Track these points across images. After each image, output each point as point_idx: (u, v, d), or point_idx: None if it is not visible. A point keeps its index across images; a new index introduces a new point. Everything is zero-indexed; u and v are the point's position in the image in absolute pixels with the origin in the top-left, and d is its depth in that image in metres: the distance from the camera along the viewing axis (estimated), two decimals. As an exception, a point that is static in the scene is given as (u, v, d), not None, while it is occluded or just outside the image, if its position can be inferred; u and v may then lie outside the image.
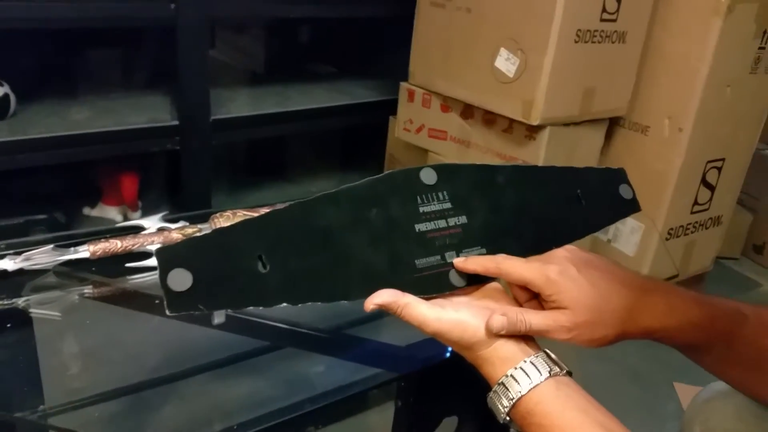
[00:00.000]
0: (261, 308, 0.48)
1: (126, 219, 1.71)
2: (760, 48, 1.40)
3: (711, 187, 1.53)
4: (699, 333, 0.52)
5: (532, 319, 0.48)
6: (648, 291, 0.51)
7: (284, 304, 0.48)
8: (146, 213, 1.73)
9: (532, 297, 0.52)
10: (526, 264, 0.50)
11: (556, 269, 0.50)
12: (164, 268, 0.45)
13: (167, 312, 0.44)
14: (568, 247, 0.54)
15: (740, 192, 1.67)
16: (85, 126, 1.43)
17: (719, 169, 1.52)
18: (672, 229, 1.51)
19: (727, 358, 0.55)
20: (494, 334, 0.48)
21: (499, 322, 0.48)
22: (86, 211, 1.72)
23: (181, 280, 0.45)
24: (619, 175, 0.65)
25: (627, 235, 1.52)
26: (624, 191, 0.64)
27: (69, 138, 1.40)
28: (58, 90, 1.60)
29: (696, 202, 1.52)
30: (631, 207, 0.64)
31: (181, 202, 1.60)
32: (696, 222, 1.56)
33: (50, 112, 1.48)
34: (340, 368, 1.04)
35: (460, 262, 0.53)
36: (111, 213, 1.71)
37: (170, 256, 0.45)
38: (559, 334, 0.48)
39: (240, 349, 1.16)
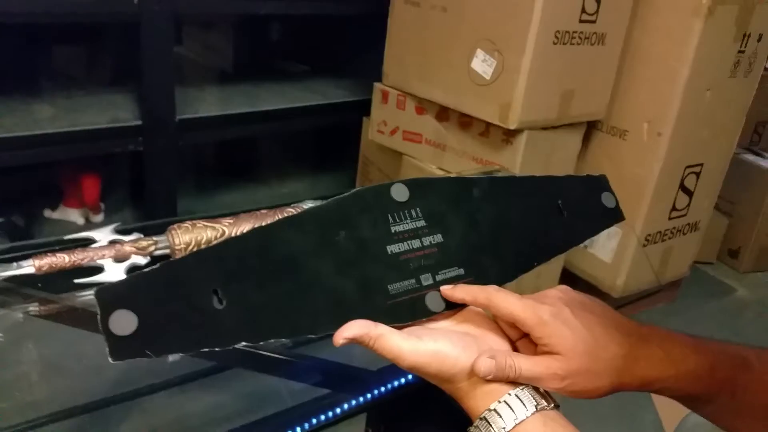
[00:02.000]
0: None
1: (88, 222, 1.65)
2: (739, 51, 1.38)
3: (689, 193, 1.52)
4: (698, 383, 0.48)
5: (523, 364, 0.44)
6: (644, 338, 0.48)
7: (243, 344, 0.43)
8: (109, 216, 1.67)
9: (523, 336, 0.48)
10: (518, 301, 0.46)
11: (549, 310, 0.46)
12: (105, 310, 0.40)
13: (110, 359, 0.39)
14: (561, 287, 0.50)
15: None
16: (45, 126, 1.37)
17: (698, 174, 1.50)
18: (650, 235, 1.49)
19: (731, 409, 0.51)
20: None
21: (486, 366, 0.43)
22: (47, 213, 1.66)
23: (124, 323, 0.40)
24: (601, 183, 0.62)
25: (604, 240, 1.50)
26: (606, 200, 0.61)
27: (28, 138, 1.33)
28: (17, 88, 1.53)
29: (674, 208, 1.51)
30: (615, 216, 0.61)
31: (146, 206, 1.55)
32: (674, 228, 1.54)
33: (8, 111, 1.41)
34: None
35: (447, 290, 0.49)
36: (72, 215, 1.65)
37: (111, 296, 0.40)
38: (550, 383, 0.44)
39: (204, 364, 1.11)
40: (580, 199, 0.59)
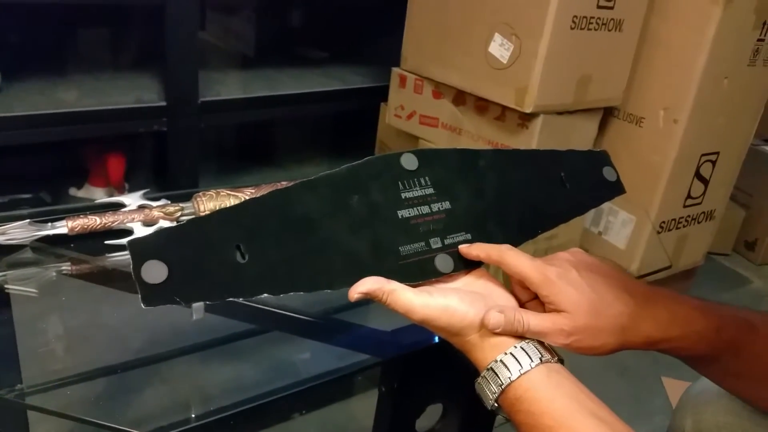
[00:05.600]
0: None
1: (122, 196, 1.69)
2: (759, 40, 1.38)
3: (705, 181, 1.52)
4: (704, 343, 0.50)
5: (531, 319, 0.47)
6: (651, 298, 0.50)
7: (265, 295, 0.46)
8: (133, 195, 1.71)
9: (534, 298, 0.50)
10: (528, 260, 0.49)
11: (555, 271, 0.48)
12: (137, 259, 0.43)
13: (142, 305, 0.42)
14: (572, 250, 0.53)
15: (733, 187, 1.66)
16: (71, 105, 1.41)
17: (713, 162, 1.51)
18: (664, 222, 1.50)
19: (735, 370, 0.53)
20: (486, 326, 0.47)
21: (495, 319, 0.46)
22: (72, 191, 1.70)
23: (155, 272, 0.43)
24: (602, 158, 0.64)
25: (618, 227, 1.51)
26: (608, 173, 0.63)
27: (55, 116, 1.37)
28: (44, 68, 1.57)
29: (689, 196, 1.51)
30: (615, 189, 0.64)
31: (169, 185, 1.58)
32: (688, 216, 1.55)
33: (36, 91, 1.45)
34: (325, 355, 1.03)
35: (464, 247, 0.52)
36: (97, 194, 1.69)
37: (143, 247, 0.43)
38: (557, 338, 0.47)
39: (223, 333, 1.14)
40: (582, 172, 0.62)
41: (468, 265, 0.53)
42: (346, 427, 1.21)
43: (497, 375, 0.45)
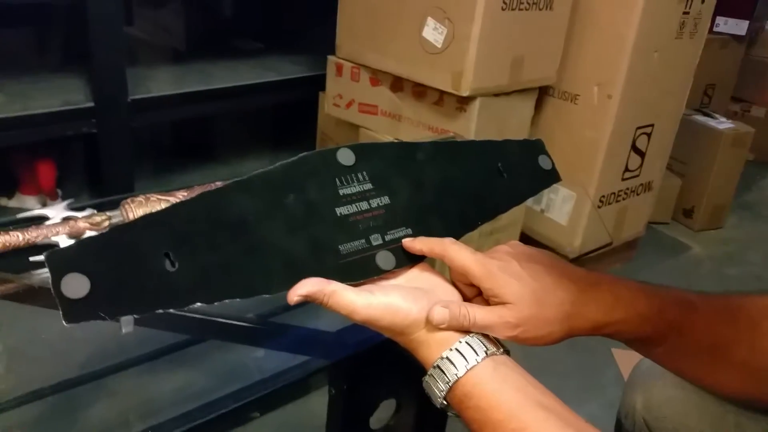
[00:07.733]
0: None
1: (45, 208, 1.62)
2: (684, 13, 1.42)
3: (641, 153, 1.56)
4: (647, 324, 0.51)
5: (477, 313, 0.46)
6: (593, 283, 0.50)
7: (198, 304, 0.44)
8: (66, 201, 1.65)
9: (477, 295, 0.50)
10: (470, 254, 0.48)
11: (497, 264, 0.48)
12: (56, 273, 0.40)
13: (64, 323, 0.39)
14: (511, 243, 0.52)
15: (669, 157, 1.71)
16: (-6, 111, 1.35)
17: (648, 134, 1.54)
18: (604, 196, 1.53)
19: (679, 350, 0.54)
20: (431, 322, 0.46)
21: (440, 314, 0.45)
22: (3, 201, 1.63)
23: (76, 286, 0.40)
24: (538, 146, 0.64)
25: (559, 204, 1.53)
26: (543, 162, 0.63)
27: (-23, 124, 1.31)
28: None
29: (627, 169, 1.54)
30: (551, 177, 0.64)
31: (103, 189, 1.53)
32: (627, 188, 1.59)
33: (-45, 98, 1.38)
34: (276, 354, 1.01)
35: (408, 242, 0.51)
36: (29, 203, 1.62)
37: (62, 260, 0.40)
38: (503, 331, 0.46)
39: (171, 341, 1.11)
40: (519, 162, 0.61)
41: (410, 260, 0.52)
42: (306, 424, 1.20)
43: (444, 372, 0.44)
